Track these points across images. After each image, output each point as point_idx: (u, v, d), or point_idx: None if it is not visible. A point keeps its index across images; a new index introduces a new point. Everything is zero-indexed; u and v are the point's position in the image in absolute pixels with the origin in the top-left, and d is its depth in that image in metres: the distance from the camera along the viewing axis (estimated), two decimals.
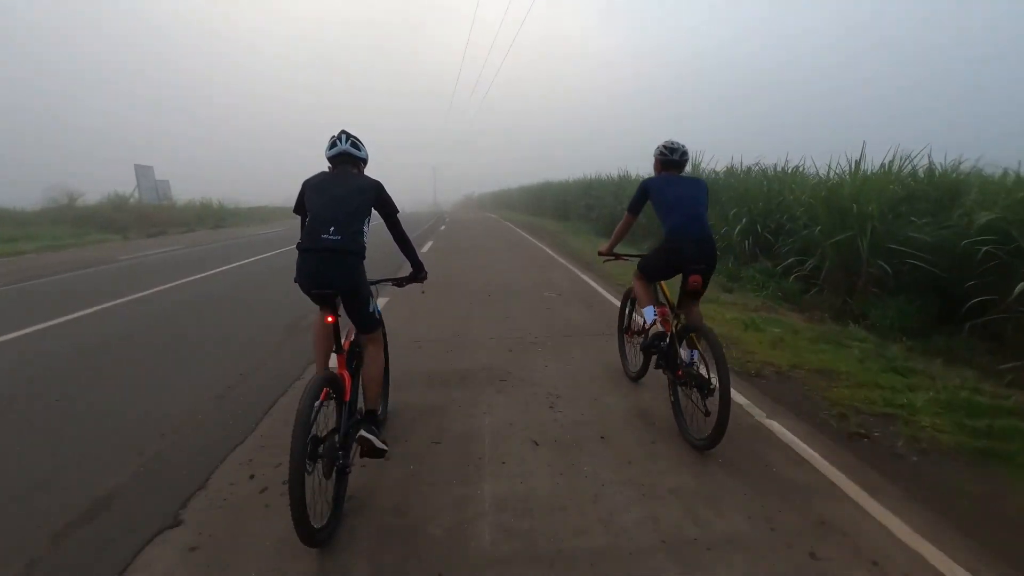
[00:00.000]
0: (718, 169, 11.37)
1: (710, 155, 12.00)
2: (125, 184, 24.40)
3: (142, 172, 25.31)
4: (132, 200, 24.05)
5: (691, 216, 2.91)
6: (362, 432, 2.26)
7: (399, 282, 2.89)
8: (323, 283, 2.26)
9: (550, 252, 11.87)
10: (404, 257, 2.77)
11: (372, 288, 2.54)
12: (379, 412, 2.59)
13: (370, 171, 2.66)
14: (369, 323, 2.50)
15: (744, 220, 8.59)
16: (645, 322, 3.23)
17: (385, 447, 2.31)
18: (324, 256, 2.22)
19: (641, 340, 3.42)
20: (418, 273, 2.87)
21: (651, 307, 3.20)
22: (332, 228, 2.22)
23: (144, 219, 20.73)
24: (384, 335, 2.82)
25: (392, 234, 2.66)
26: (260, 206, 35.19)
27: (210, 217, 25.24)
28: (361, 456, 2.29)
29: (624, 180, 16.77)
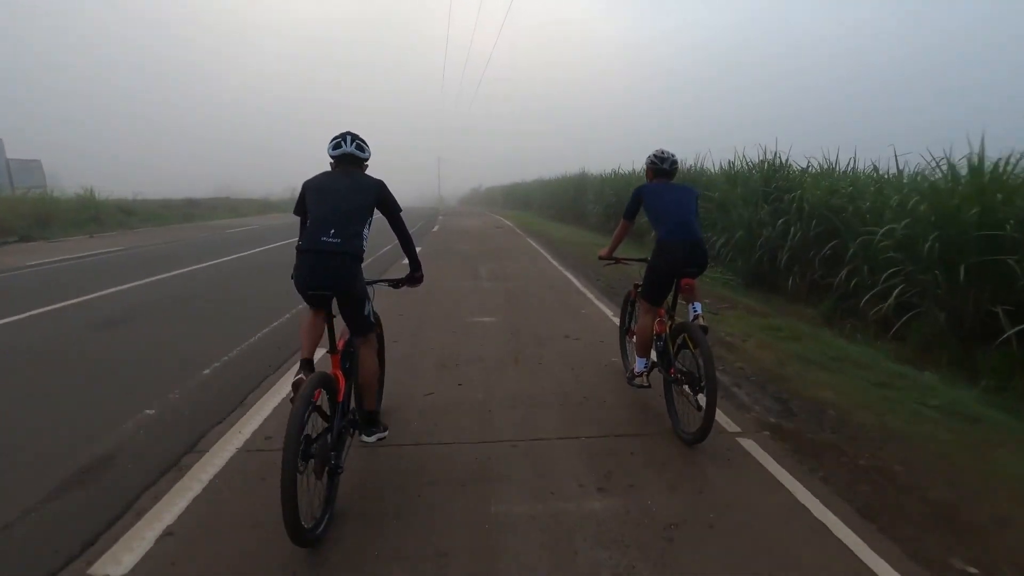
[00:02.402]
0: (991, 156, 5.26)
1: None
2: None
3: None
4: None
5: (681, 222, 3.08)
6: (362, 438, 2.66)
7: (395, 283, 2.91)
8: (319, 284, 2.31)
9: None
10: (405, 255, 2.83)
11: (368, 289, 2.59)
12: (376, 410, 2.79)
13: (371, 161, 2.70)
14: (364, 325, 2.54)
15: None
16: (635, 369, 3.39)
17: (385, 434, 2.74)
18: (322, 257, 2.28)
19: (632, 380, 3.50)
20: (414, 274, 2.88)
21: (644, 359, 3.35)
22: (332, 231, 2.27)
23: None
24: (380, 335, 3.07)
25: (395, 232, 2.70)
26: (191, 197, 26.45)
27: (74, 216, 16.21)
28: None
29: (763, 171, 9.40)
